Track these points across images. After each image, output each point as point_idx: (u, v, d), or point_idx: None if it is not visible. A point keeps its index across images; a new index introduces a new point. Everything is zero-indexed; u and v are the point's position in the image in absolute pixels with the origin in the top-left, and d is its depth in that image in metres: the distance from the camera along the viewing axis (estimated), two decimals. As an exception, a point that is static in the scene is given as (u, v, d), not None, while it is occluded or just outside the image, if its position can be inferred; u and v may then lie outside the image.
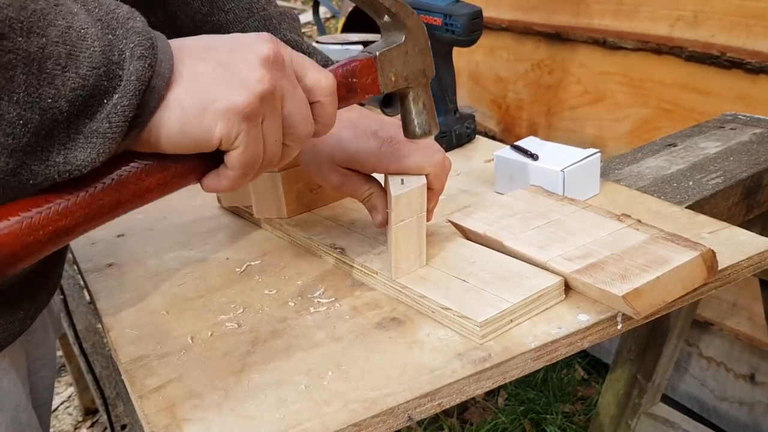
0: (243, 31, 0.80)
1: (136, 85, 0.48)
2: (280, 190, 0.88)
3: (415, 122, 0.71)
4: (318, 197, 0.93)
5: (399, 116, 0.73)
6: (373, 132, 0.75)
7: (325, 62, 0.80)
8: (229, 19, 0.81)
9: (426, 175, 0.74)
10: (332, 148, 0.75)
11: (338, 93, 0.62)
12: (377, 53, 0.66)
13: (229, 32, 0.80)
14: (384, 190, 0.77)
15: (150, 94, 0.49)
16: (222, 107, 0.52)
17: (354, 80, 0.65)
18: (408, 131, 0.72)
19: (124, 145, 0.51)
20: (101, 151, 0.48)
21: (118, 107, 0.47)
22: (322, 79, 0.59)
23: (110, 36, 0.48)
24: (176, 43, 0.53)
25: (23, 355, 0.73)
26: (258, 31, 0.77)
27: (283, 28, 0.81)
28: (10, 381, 0.67)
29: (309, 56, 0.78)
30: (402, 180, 0.73)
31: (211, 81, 0.52)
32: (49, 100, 0.46)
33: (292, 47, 0.77)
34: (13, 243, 0.48)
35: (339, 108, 0.63)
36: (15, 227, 0.48)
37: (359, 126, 0.75)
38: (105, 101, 0.47)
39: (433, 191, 0.76)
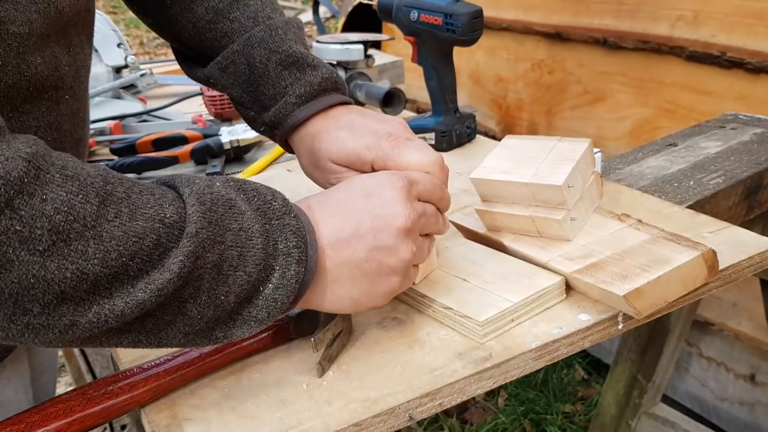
0: (248, 41, 0.77)
1: (294, 287, 0.54)
2: None
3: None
4: None
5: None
6: (371, 130, 0.73)
7: (330, 74, 0.78)
8: (234, 27, 0.78)
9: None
10: (329, 146, 0.74)
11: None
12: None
13: (233, 40, 0.78)
14: None
15: (302, 288, 0.56)
16: (383, 293, 0.61)
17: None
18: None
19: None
20: (255, 329, 0.55)
21: (277, 302, 0.54)
22: (438, 191, 0.67)
23: (267, 227, 0.54)
24: (320, 234, 0.58)
25: (25, 364, 0.73)
26: (264, 41, 0.76)
27: (289, 38, 0.78)
28: (12, 389, 0.68)
29: (314, 69, 0.76)
30: None
31: (359, 277, 0.59)
32: (222, 297, 0.52)
33: (298, 59, 0.76)
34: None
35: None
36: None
37: (356, 125, 0.74)
38: (261, 289, 0.54)
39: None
